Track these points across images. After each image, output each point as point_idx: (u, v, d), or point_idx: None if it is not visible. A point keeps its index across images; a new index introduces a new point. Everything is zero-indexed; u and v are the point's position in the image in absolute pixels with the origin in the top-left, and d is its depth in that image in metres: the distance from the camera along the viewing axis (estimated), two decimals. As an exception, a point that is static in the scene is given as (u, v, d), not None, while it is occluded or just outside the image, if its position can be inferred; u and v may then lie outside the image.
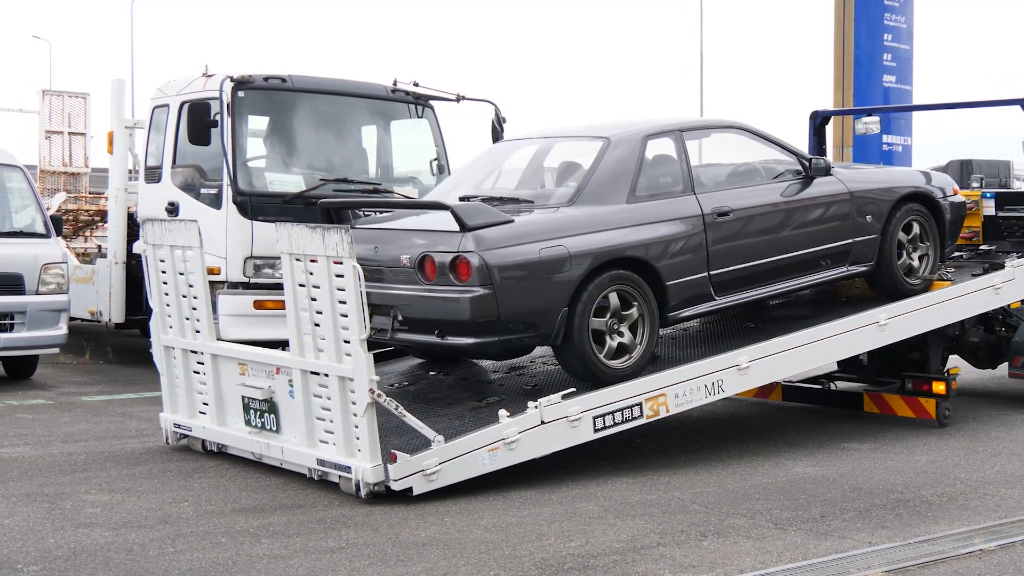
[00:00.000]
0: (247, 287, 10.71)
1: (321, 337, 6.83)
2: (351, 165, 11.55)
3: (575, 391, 7.30)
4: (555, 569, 5.44)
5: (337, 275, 6.63)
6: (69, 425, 9.31)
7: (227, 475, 7.42)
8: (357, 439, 6.71)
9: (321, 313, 6.80)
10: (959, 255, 10.39)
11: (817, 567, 5.49)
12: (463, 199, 7.76)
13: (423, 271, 7.22)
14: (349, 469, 6.74)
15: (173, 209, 11.16)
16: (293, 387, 7.14)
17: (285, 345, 7.30)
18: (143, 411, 9.89)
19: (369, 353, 6.61)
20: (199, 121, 10.78)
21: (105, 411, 10.06)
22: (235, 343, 8.32)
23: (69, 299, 11.75)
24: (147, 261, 8.15)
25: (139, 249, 8.25)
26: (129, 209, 12.71)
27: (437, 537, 5.97)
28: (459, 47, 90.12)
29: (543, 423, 7.06)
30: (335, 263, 6.61)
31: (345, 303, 6.62)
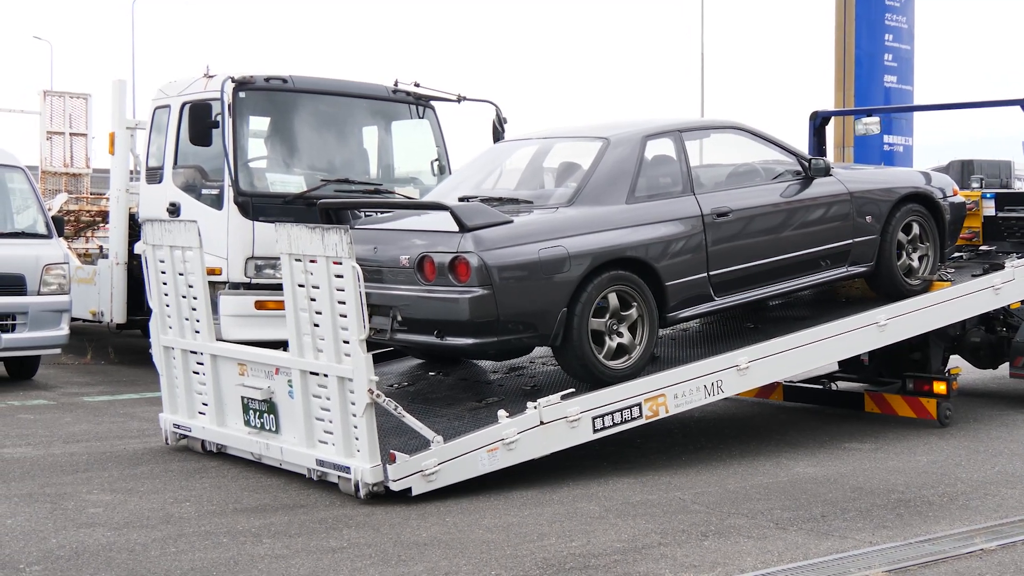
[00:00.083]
0: (248, 288, 10.72)
1: (320, 337, 6.83)
2: (352, 166, 11.55)
3: (574, 391, 7.30)
4: (556, 569, 5.44)
5: (336, 275, 6.63)
6: (71, 425, 9.32)
7: (228, 475, 7.43)
8: (356, 439, 6.71)
9: (320, 313, 6.80)
10: (959, 255, 10.39)
11: (818, 567, 5.49)
12: (462, 199, 7.76)
13: (422, 271, 7.23)
14: (348, 469, 6.74)
15: (174, 210, 11.17)
16: (292, 387, 7.14)
17: (285, 345, 7.31)
18: (145, 411, 9.90)
19: (368, 353, 6.61)
20: (200, 122, 10.78)
21: (107, 411, 10.07)
22: (236, 343, 8.32)
23: (71, 300, 11.77)
24: (147, 262, 8.17)
25: (140, 250, 8.26)
26: (130, 210, 12.73)
27: (439, 537, 5.98)
28: (460, 47, 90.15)
29: (542, 423, 7.06)
30: (334, 263, 6.61)
31: (344, 303, 6.62)
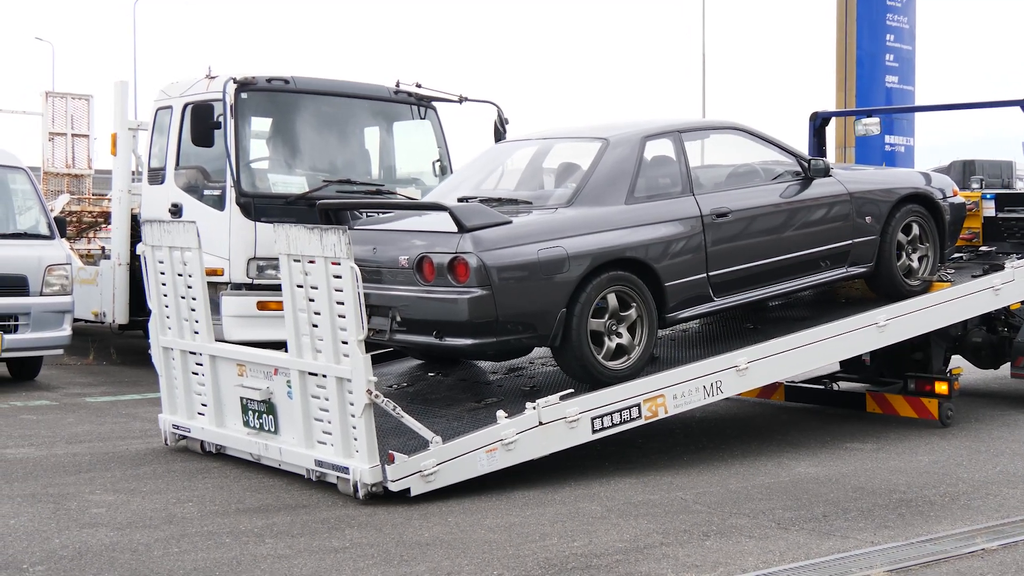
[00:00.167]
0: (250, 288, 10.74)
1: (319, 338, 6.82)
2: (354, 166, 11.56)
3: (573, 392, 7.30)
4: (558, 569, 5.45)
5: (335, 276, 6.62)
6: (73, 426, 9.34)
7: (231, 475, 7.44)
8: (355, 440, 6.70)
9: (319, 314, 6.79)
10: (959, 256, 10.39)
11: (820, 567, 5.50)
12: (461, 200, 7.77)
13: (421, 272, 7.23)
14: (347, 470, 6.74)
15: (176, 210, 11.18)
16: (291, 388, 7.14)
17: (285, 346, 7.31)
18: (147, 412, 9.91)
19: (367, 354, 6.60)
20: (202, 123, 10.79)
21: (109, 412, 10.08)
22: (238, 344, 8.32)
23: (73, 300, 11.78)
24: (146, 262, 8.17)
25: (141, 251, 8.26)
26: (133, 211, 12.72)
27: (441, 537, 5.99)
28: (462, 48, 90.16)
29: (541, 424, 7.06)
30: (333, 264, 6.60)
31: (343, 304, 6.61)
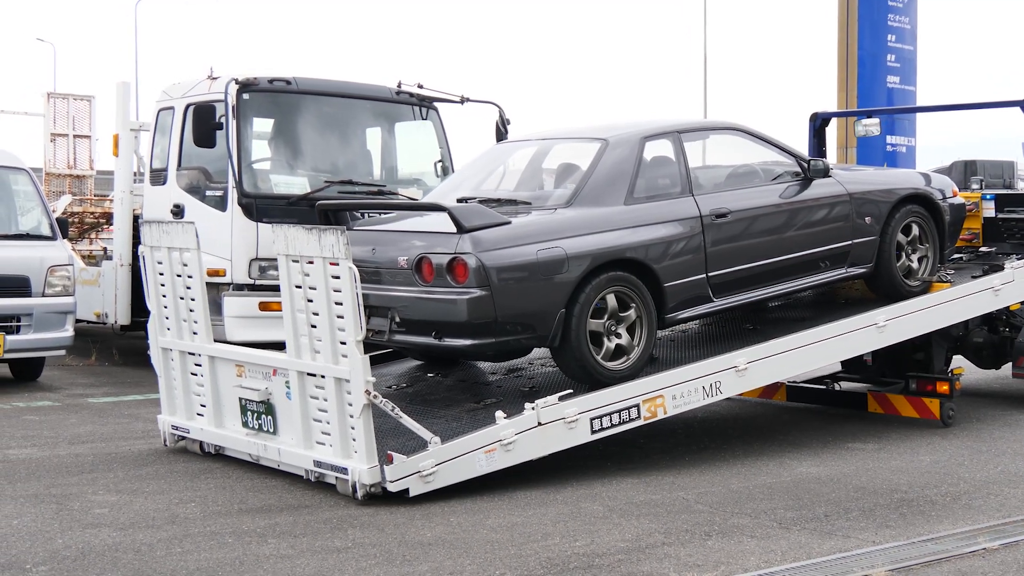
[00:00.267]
0: (252, 289, 10.75)
1: (318, 339, 6.82)
2: (356, 167, 11.57)
3: (572, 393, 7.30)
4: (560, 568, 5.46)
5: (333, 276, 6.61)
6: (76, 427, 9.35)
7: (233, 476, 7.45)
8: (353, 440, 6.70)
9: (318, 315, 6.78)
10: (959, 257, 10.39)
11: (821, 566, 5.51)
12: (461, 201, 7.77)
13: (420, 273, 7.23)
14: (345, 470, 6.74)
15: (178, 211, 11.19)
16: (290, 389, 7.14)
17: (284, 347, 7.32)
18: (149, 412, 9.91)
19: (365, 355, 6.60)
20: (204, 123, 10.80)
21: (111, 412, 10.09)
22: (236, 345, 8.32)
23: (75, 301, 11.78)
24: (145, 263, 8.18)
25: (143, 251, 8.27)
26: (135, 211, 12.73)
27: (443, 537, 5.99)
28: (463, 49, 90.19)
29: (540, 424, 7.06)
30: (331, 264, 6.60)
31: (341, 304, 6.61)
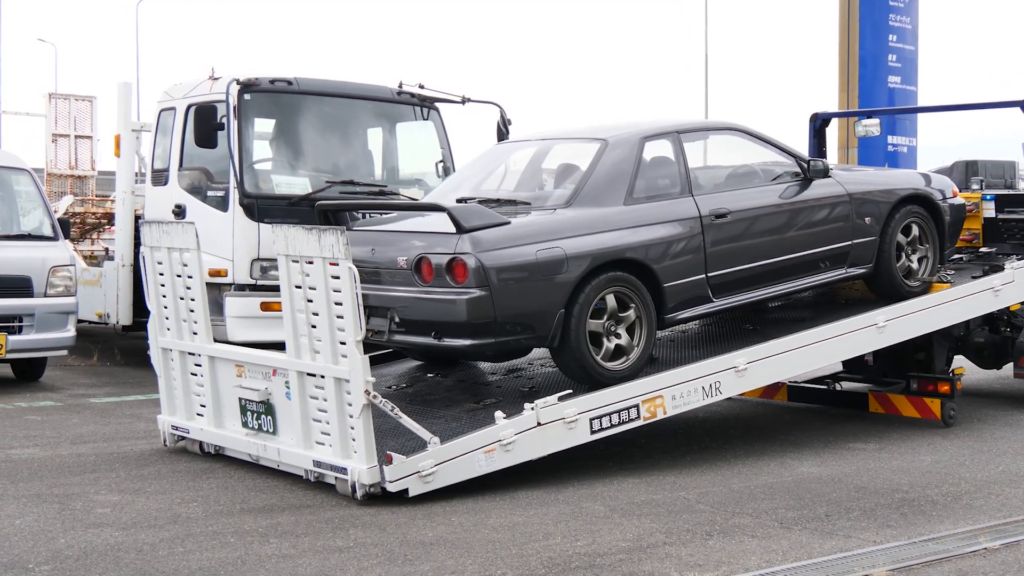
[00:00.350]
0: (254, 289, 10.75)
1: (317, 339, 6.82)
2: (357, 167, 11.58)
3: (572, 393, 7.30)
4: (562, 568, 5.47)
5: (333, 276, 6.62)
6: (78, 426, 9.36)
7: (235, 476, 7.46)
8: (353, 440, 6.70)
9: (317, 315, 6.78)
10: (959, 257, 10.39)
11: (822, 566, 5.52)
12: (460, 201, 7.78)
13: (420, 273, 7.23)
14: (345, 471, 6.74)
15: (180, 212, 11.20)
16: (290, 389, 7.14)
17: (285, 347, 7.32)
18: (151, 413, 9.91)
19: (365, 355, 6.61)
20: (205, 124, 10.81)
21: (113, 413, 10.10)
22: (236, 345, 8.33)
23: (77, 301, 11.79)
24: (145, 263, 8.18)
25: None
26: (136, 212, 12.74)
27: (444, 536, 6.00)
28: (464, 49, 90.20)
29: (540, 425, 7.06)
30: (331, 264, 6.60)
31: (341, 304, 6.61)
